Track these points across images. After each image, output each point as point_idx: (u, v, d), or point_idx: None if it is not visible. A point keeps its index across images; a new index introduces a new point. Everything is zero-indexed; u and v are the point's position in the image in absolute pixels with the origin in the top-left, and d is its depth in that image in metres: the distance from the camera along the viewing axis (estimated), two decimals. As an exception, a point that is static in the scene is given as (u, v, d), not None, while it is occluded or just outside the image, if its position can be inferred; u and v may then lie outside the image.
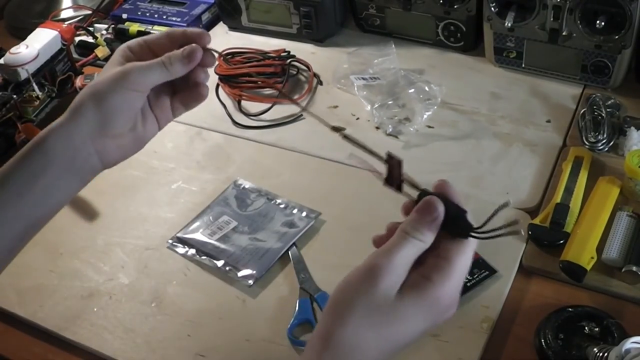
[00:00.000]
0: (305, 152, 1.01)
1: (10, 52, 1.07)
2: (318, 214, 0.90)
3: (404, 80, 1.08)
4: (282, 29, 1.25)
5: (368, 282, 0.50)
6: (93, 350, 0.79)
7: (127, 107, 0.63)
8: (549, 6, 1.00)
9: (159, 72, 0.64)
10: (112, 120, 0.63)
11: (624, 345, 0.63)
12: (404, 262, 0.52)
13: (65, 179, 0.63)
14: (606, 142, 0.94)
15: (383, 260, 0.51)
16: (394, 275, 0.51)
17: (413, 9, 1.16)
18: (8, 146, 1.07)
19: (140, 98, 0.64)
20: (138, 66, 0.64)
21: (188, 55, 0.64)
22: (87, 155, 0.63)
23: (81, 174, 0.64)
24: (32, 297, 0.85)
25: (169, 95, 0.69)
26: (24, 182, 0.61)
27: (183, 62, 0.64)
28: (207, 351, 0.77)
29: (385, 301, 0.50)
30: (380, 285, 0.50)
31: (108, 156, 0.65)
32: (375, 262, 0.51)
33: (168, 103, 0.69)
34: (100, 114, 0.62)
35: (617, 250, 0.79)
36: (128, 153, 0.67)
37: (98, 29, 1.30)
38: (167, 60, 0.64)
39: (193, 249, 0.88)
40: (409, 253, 0.52)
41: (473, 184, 0.93)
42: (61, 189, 0.63)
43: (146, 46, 0.67)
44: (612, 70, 1.02)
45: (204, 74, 0.69)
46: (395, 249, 0.52)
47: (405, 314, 0.50)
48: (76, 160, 0.62)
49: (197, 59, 0.65)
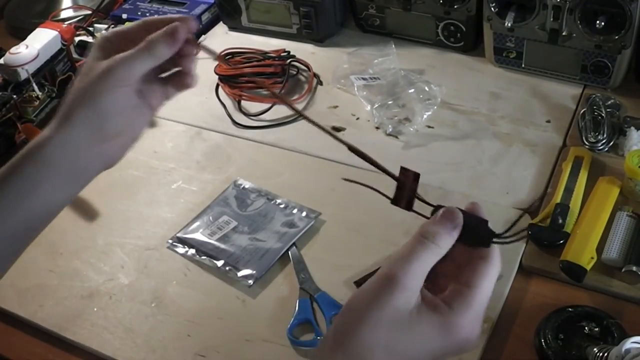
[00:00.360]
0: (305, 152, 1.01)
1: (10, 52, 1.07)
2: (318, 214, 0.90)
3: (404, 80, 1.08)
4: (282, 29, 1.25)
5: (384, 294, 0.48)
6: (93, 350, 0.79)
7: (121, 106, 0.60)
8: (549, 6, 1.00)
9: (144, 58, 0.59)
10: (108, 123, 0.60)
11: (624, 345, 0.63)
12: (421, 271, 0.49)
13: (66, 184, 0.61)
14: (606, 142, 0.94)
15: (400, 270, 0.49)
16: (411, 286, 0.48)
17: (413, 9, 1.16)
18: (8, 146, 1.07)
19: (131, 92, 0.61)
20: (121, 58, 0.59)
21: (171, 33, 0.60)
22: (87, 160, 0.61)
23: (82, 178, 0.62)
24: (32, 297, 0.85)
25: (158, 80, 0.65)
26: (23, 189, 0.59)
27: (167, 42, 0.60)
28: (207, 351, 0.77)
29: (401, 316, 0.48)
30: (397, 296, 0.48)
31: (109, 157, 0.63)
32: (392, 272, 0.49)
33: (158, 86, 0.64)
34: (94, 118, 0.59)
35: (617, 250, 0.79)
36: (127, 148, 0.64)
37: (98, 29, 1.30)
38: (149, 45, 0.60)
39: (193, 249, 0.88)
40: (426, 260, 0.49)
41: (473, 184, 0.93)
42: (62, 193, 0.61)
43: (123, 36, 0.63)
44: (612, 70, 1.02)
45: (189, 62, 0.64)
46: (413, 256, 0.49)
47: (420, 333, 0.48)
48: (76, 167, 0.60)
49: (181, 37, 0.60)
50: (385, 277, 0.49)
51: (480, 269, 0.50)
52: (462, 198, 0.56)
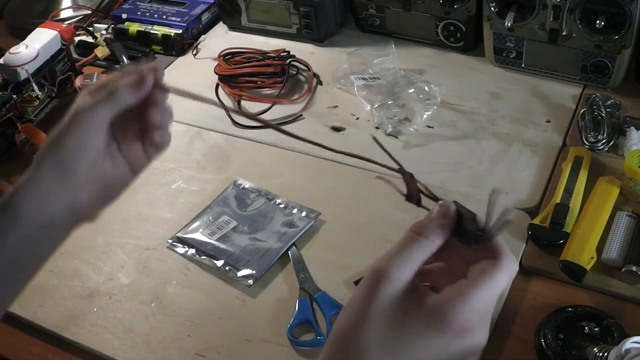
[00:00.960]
0: (305, 152, 1.01)
1: (10, 52, 1.07)
2: (318, 214, 0.90)
3: (404, 80, 1.08)
4: (282, 29, 1.25)
5: (372, 288, 0.48)
6: (93, 350, 0.79)
7: (84, 149, 0.59)
8: (549, 6, 1.00)
9: (105, 104, 0.59)
10: (71, 167, 0.59)
11: (624, 345, 0.63)
12: (409, 264, 0.49)
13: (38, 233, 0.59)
14: (606, 142, 0.94)
15: (387, 263, 0.48)
16: (397, 277, 0.48)
17: (413, 9, 1.16)
18: (8, 146, 1.07)
19: (97, 137, 0.60)
20: (83, 104, 0.60)
21: (136, 80, 0.60)
22: (55, 207, 0.59)
23: (54, 228, 0.60)
24: (32, 297, 0.84)
25: (137, 136, 0.64)
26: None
27: (129, 88, 0.60)
28: (207, 351, 0.77)
29: (388, 306, 0.47)
30: (383, 288, 0.47)
31: (80, 207, 0.61)
32: (380, 266, 0.48)
33: (138, 145, 0.64)
34: (57, 161, 0.59)
35: (616, 250, 0.79)
36: (102, 203, 0.63)
37: (98, 29, 1.30)
38: (112, 90, 0.60)
39: (193, 248, 0.88)
40: (415, 253, 0.49)
41: (473, 184, 0.93)
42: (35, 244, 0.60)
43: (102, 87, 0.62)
44: (612, 70, 1.02)
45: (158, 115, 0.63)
46: (403, 250, 0.49)
47: (410, 321, 0.48)
48: (44, 212, 0.59)
49: (147, 85, 0.60)
50: (374, 272, 0.48)
51: (484, 266, 0.50)
52: (461, 198, 0.55)
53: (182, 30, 1.26)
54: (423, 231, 0.50)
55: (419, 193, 0.54)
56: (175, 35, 1.25)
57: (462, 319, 0.47)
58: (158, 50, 1.27)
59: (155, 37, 1.26)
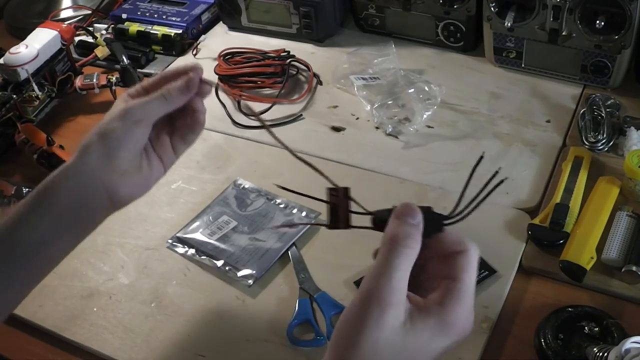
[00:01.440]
0: (305, 152, 1.00)
1: (10, 52, 1.07)
2: (318, 214, 0.90)
3: (404, 80, 1.08)
4: (281, 29, 1.25)
5: (373, 315, 0.47)
6: (93, 350, 0.79)
7: (131, 141, 0.65)
8: (549, 6, 1.00)
9: (158, 103, 0.65)
10: (117, 154, 0.64)
11: (624, 345, 0.63)
12: (403, 281, 0.49)
13: (71, 218, 0.64)
14: (606, 142, 0.94)
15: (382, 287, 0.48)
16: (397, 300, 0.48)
17: (413, 9, 1.16)
18: (8, 146, 1.07)
19: (143, 132, 0.66)
20: (139, 100, 0.66)
21: (186, 83, 0.66)
22: (94, 192, 0.64)
23: (89, 213, 0.66)
24: (32, 297, 0.84)
25: (168, 135, 0.70)
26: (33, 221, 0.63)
27: (182, 91, 0.66)
28: (207, 351, 0.77)
29: (395, 331, 0.47)
30: (387, 315, 0.47)
31: (116, 194, 0.65)
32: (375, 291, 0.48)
33: (168, 142, 0.70)
34: (105, 148, 0.64)
35: (616, 250, 0.79)
36: (136, 193, 0.68)
37: (98, 28, 1.30)
38: (166, 92, 0.66)
39: (193, 248, 0.88)
40: (404, 267, 0.49)
41: (473, 184, 0.92)
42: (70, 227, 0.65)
43: (144, 90, 0.68)
44: (611, 70, 1.02)
45: (201, 103, 0.70)
46: (391, 268, 0.48)
47: (419, 340, 0.48)
48: (83, 197, 0.64)
49: (195, 86, 0.67)
50: (370, 297, 0.48)
51: (461, 261, 0.51)
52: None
53: (182, 30, 1.26)
54: (402, 240, 0.50)
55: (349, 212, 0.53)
56: (175, 35, 1.25)
57: (464, 320, 0.50)
58: (158, 50, 1.27)
59: (155, 37, 1.26)
